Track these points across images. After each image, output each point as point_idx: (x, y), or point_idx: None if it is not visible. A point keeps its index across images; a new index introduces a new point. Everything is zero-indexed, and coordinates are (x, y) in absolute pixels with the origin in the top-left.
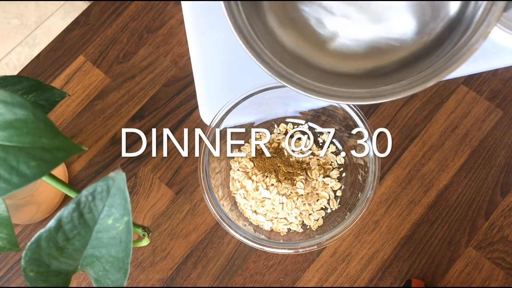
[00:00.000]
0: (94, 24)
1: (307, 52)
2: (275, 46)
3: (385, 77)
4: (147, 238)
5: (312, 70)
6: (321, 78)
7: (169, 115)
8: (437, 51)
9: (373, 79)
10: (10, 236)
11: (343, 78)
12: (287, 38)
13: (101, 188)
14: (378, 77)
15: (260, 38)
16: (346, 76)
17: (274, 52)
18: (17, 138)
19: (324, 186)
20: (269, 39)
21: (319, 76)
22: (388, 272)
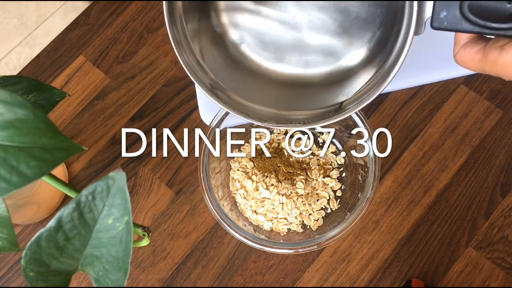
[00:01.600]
0: (94, 24)
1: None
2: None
3: (306, 93)
4: (147, 238)
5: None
6: (243, 80)
7: (169, 115)
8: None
9: (295, 90)
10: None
11: (265, 84)
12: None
13: (101, 187)
14: (300, 90)
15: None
16: (269, 82)
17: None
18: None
19: (324, 186)
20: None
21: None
22: (388, 272)
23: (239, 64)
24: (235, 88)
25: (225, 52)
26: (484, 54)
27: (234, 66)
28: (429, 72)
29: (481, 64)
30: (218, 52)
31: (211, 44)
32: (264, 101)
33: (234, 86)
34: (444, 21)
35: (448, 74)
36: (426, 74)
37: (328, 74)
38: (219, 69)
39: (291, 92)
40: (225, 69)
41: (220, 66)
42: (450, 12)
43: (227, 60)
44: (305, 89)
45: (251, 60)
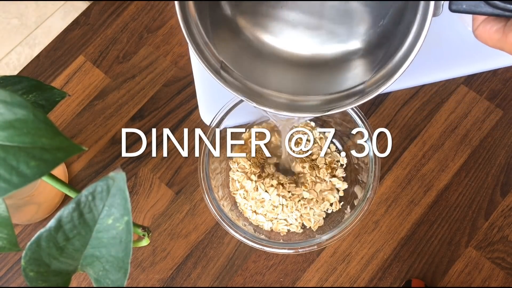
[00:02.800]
0: (94, 24)
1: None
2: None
3: (323, 75)
4: (147, 238)
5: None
6: (251, 60)
7: (169, 115)
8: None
9: (311, 72)
10: (10, 236)
11: (280, 66)
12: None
13: (101, 188)
14: (317, 72)
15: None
16: (285, 63)
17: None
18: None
19: (331, 188)
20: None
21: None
22: (388, 272)
23: (252, 48)
24: (248, 74)
25: (236, 35)
26: (504, 34)
27: (247, 50)
28: (429, 72)
29: (500, 44)
30: (229, 36)
31: (221, 28)
32: (279, 86)
33: (246, 71)
34: (463, 4)
35: (448, 74)
36: (426, 74)
37: (344, 52)
38: (231, 55)
39: (307, 74)
40: (237, 54)
41: (232, 51)
42: None
43: (239, 44)
44: (322, 71)
45: (263, 42)
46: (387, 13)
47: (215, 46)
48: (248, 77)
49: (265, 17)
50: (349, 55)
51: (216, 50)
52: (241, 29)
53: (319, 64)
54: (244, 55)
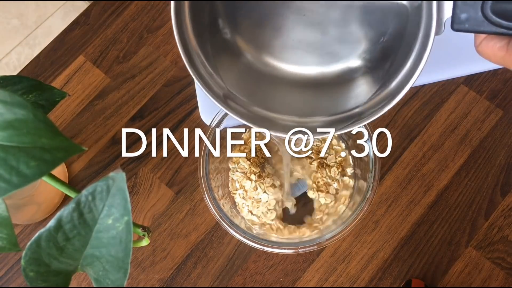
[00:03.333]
0: (94, 24)
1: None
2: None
3: (327, 95)
4: (147, 238)
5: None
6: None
7: (169, 115)
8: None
9: (315, 92)
10: (10, 236)
11: (283, 88)
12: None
13: (101, 188)
14: (320, 92)
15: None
16: (288, 85)
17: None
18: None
19: (344, 187)
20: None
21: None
22: (388, 272)
23: (254, 71)
24: (252, 98)
25: (238, 59)
26: (508, 52)
27: (249, 74)
28: (429, 72)
29: (504, 61)
30: (232, 61)
31: (223, 53)
32: (284, 108)
33: (251, 96)
34: (466, 23)
35: (448, 74)
36: (426, 74)
37: (346, 71)
38: (235, 81)
39: (311, 95)
40: (241, 79)
41: (236, 77)
42: (472, 14)
43: (242, 68)
44: (325, 91)
45: (265, 64)
46: (387, 31)
47: (218, 74)
48: (253, 102)
49: (265, 39)
50: (351, 74)
51: (220, 78)
52: (242, 52)
53: (322, 84)
54: (247, 80)
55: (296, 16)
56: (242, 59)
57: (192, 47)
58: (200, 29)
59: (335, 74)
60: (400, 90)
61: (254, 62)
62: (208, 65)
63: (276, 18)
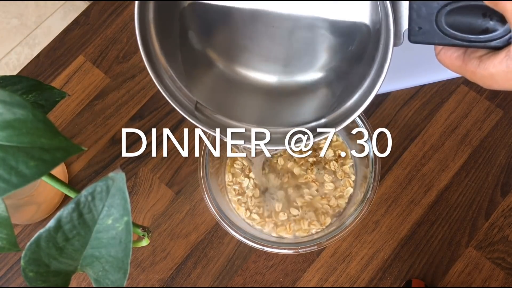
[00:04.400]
0: (94, 24)
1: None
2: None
3: (288, 106)
4: (147, 238)
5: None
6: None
7: (169, 115)
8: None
9: (279, 100)
10: (10, 236)
11: (249, 97)
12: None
13: (100, 188)
14: (284, 100)
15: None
16: (254, 93)
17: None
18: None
19: (346, 176)
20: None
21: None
22: (388, 272)
23: (222, 80)
24: (219, 108)
25: (207, 70)
26: (464, 62)
27: (218, 84)
28: (429, 72)
29: (461, 70)
30: (200, 72)
31: (192, 65)
32: (249, 118)
33: (218, 106)
34: (422, 35)
35: (448, 74)
36: (426, 74)
37: (310, 81)
38: (203, 92)
39: (275, 104)
40: (210, 90)
41: (204, 88)
42: (426, 26)
43: (210, 79)
44: (289, 100)
45: (232, 72)
46: (351, 43)
47: (188, 87)
48: (219, 112)
49: (235, 49)
50: (315, 85)
51: (189, 91)
52: (212, 62)
53: (286, 93)
54: (215, 90)
55: (266, 28)
56: (211, 69)
57: (161, 63)
58: (167, 43)
59: (299, 84)
60: (364, 99)
61: (223, 72)
62: (177, 79)
63: (246, 29)
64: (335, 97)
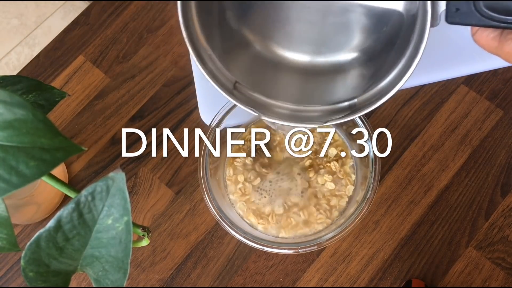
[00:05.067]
0: (94, 24)
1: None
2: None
3: (324, 84)
4: (147, 238)
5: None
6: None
7: (169, 115)
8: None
9: (312, 80)
10: (10, 236)
11: (285, 75)
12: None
13: (100, 188)
14: (317, 81)
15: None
16: (289, 72)
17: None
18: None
19: (346, 176)
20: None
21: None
22: (388, 272)
23: (259, 59)
24: (255, 86)
25: (245, 50)
26: (500, 43)
27: (255, 63)
28: (429, 72)
29: (497, 51)
30: (238, 51)
31: (230, 44)
32: (284, 96)
33: (254, 84)
34: (459, 16)
35: (448, 74)
36: (426, 74)
37: (344, 61)
38: (241, 71)
39: (309, 83)
40: (247, 69)
41: (242, 67)
42: (464, 7)
43: (248, 58)
44: (323, 80)
45: (271, 53)
46: (386, 24)
47: (227, 67)
48: (257, 90)
49: (271, 28)
50: (348, 65)
51: (228, 71)
52: (249, 42)
53: (320, 72)
54: (253, 69)
55: (301, 8)
56: (248, 49)
57: (200, 43)
58: (207, 23)
59: (332, 64)
60: (397, 82)
61: (260, 51)
62: (217, 59)
63: (281, 10)
64: (367, 78)
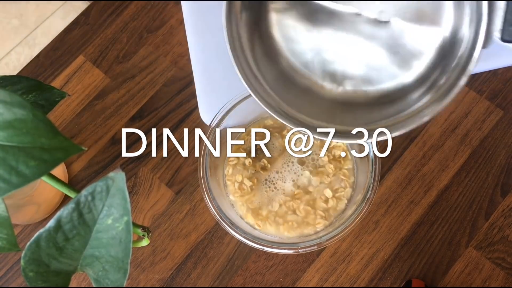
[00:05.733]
0: (94, 24)
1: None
2: (270, 66)
3: (359, 111)
4: (147, 238)
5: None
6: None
7: (169, 115)
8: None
9: (347, 107)
10: (10, 236)
11: (331, 105)
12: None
13: (100, 188)
14: (353, 108)
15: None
16: (333, 103)
17: (266, 71)
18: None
19: (346, 176)
20: (263, 58)
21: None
22: (388, 272)
23: (292, 79)
24: (297, 107)
25: (278, 65)
26: None
27: (287, 80)
28: None
29: None
30: (271, 65)
31: (265, 55)
32: (316, 116)
33: (287, 98)
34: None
35: None
36: None
37: (382, 92)
38: (272, 81)
39: (343, 109)
40: (278, 81)
41: (273, 78)
42: None
43: (280, 73)
44: (358, 108)
45: (303, 76)
46: (437, 44)
47: (277, 94)
48: (301, 112)
49: (323, 66)
50: (396, 92)
51: (278, 96)
52: (292, 67)
53: (368, 101)
54: (301, 97)
55: (346, 33)
56: (300, 84)
57: (241, 48)
58: (250, 29)
59: (380, 92)
60: (438, 103)
61: (312, 88)
62: (267, 86)
63: (326, 35)
64: (411, 101)
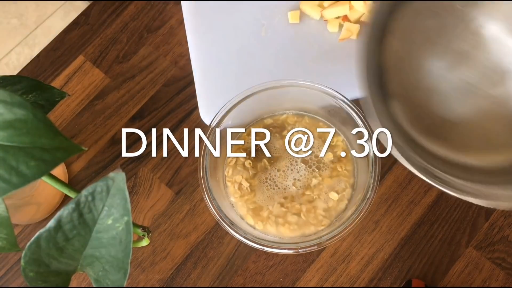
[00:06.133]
0: (94, 24)
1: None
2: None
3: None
4: (147, 238)
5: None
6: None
7: (169, 115)
8: None
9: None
10: (10, 236)
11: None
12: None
13: (100, 188)
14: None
15: None
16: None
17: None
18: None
19: (345, 176)
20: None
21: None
22: (388, 272)
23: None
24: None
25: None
26: None
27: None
28: None
29: None
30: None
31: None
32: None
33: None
34: None
35: None
36: None
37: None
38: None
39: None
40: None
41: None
42: None
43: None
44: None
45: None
46: None
47: (423, 159)
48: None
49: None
50: None
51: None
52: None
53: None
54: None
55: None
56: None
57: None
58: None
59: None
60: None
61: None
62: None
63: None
64: None
